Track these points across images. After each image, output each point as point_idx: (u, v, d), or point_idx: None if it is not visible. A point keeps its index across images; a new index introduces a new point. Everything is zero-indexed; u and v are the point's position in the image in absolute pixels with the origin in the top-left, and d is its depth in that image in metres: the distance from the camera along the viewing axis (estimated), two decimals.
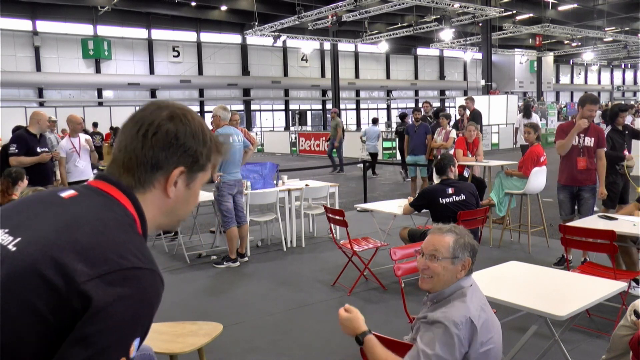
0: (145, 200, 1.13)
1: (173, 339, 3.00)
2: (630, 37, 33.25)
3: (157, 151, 1.11)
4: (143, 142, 1.10)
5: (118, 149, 1.14)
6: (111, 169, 1.14)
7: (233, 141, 6.03)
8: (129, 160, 1.11)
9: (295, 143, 22.92)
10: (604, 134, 5.58)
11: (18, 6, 23.33)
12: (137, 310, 0.96)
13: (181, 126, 1.13)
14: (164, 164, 1.12)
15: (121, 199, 1.09)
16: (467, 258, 2.23)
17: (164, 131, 1.11)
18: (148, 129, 1.11)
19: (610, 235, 3.95)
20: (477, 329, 2.05)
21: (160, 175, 1.12)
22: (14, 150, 6.14)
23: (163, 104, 1.16)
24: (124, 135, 1.13)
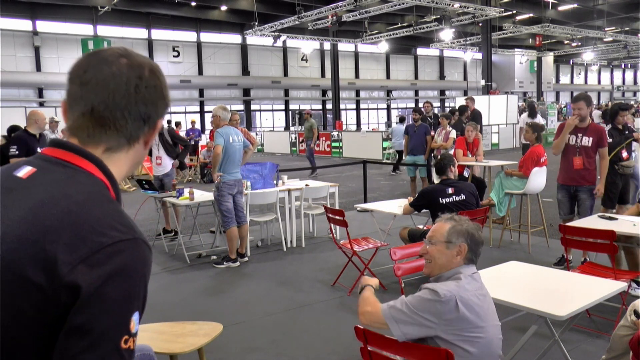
0: (127, 156, 1.09)
1: (173, 339, 3.00)
2: (630, 37, 33.26)
3: (149, 105, 1.07)
4: (136, 98, 1.05)
5: (88, 110, 1.03)
6: (74, 132, 1.05)
7: (233, 141, 6.03)
8: (114, 118, 1.03)
9: (295, 143, 22.91)
10: (604, 133, 5.53)
11: (18, 6, 23.34)
12: (129, 285, 0.92)
13: (163, 79, 1.12)
14: (152, 117, 1.09)
15: (85, 166, 1.02)
16: (461, 243, 2.32)
17: (153, 85, 1.08)
18: (139, 84, 1.05)
19: (610, 235, 3.95)
20: (459, 310, 2.13)
21: (147, 129, 1.09)
22: (14, 152, 6.13)
23: (119, 53, 1.07)
24: (98, 92, 1.02)
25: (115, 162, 1.07)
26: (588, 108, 5.47)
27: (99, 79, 1.03)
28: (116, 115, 1.03)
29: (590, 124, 5.51)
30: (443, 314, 2.14)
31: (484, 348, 2.19)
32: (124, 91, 1.03)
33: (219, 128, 6.08)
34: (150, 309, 1.00)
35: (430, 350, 2.14)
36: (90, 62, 1.05)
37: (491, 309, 2.29)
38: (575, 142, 5.49)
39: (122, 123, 1.04)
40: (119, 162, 1.08)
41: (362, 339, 2.36)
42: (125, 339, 0.91)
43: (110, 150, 1.06)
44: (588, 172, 5.45)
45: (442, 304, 2.14)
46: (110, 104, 1.02)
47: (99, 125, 1.03)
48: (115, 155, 1.07)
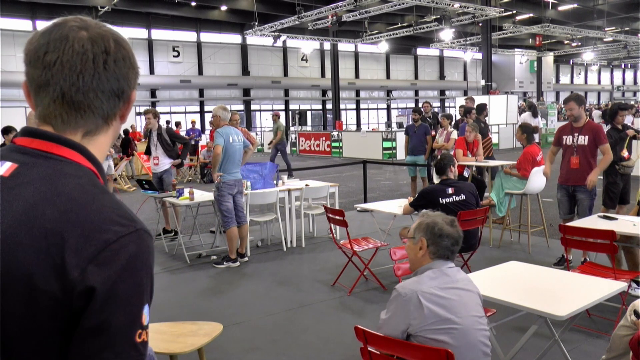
0: (107, 135, 1.04)
1: (173, 339, 3.00)
2: (630, 37, 33.26)
3: (121, 80, 1.01)
4: (107, 75, 0.98)
5: (59, 96, 0.96)
6: (48, 120, 0.98)
7: (233, 141, 6.03)
8: (88, 100, 0.97)
9: (295, 143, 22.92)
10: (600, 131, 5.50)
11: (18, 6, 23.35)
12: (138, 279, 0.90)
13: (129, 48, 1.04)
14: (126, 91, 1.04)
15: (69, 155, 0.96)
16: (421, 238, 2.40)
17: (121, 57, 1.01)
18: (107, 60, 0.98)
19: (610, 235, 3.95)
20: (423, 306, 2.18)
21: (122, 104, 1.04)
22: None
23: (77, 26, 1.03)
24: (66, 75, 0.95)
25: (96, 144, 1.02)
26: (580, 107, 5.48)
27: (63, 61, 0.95)
28: (89, 97, 0.97)
29: (587, 122, 5.52)
30: (410, 312, 2.20)
31: (461, 339, 2.20)
32: (93, 70, 0.96)
33: (219, 128, 6.08)
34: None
35: (430, 351, 2.14)
36: (49, 40, 0.97)
37: (468, 301, 2.29)
38: (572, 141, 5.50)
39: (97, 104, 0.98)
40: (100, 144, 1.03)
41: (362, 339, 2.36)
42: (139, 333, 0.89)
43: (90, 134, 1.00)
44: (586, 171, 5.43)
45: (405, 302, 2.22)
46: (81, 87, 0.96)
47: (73, 110, 0.97)
48: (95, 138, 1.01)
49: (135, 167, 15.67)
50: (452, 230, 2.42)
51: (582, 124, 5.49)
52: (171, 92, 29.56)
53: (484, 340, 2.30)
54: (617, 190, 5.99)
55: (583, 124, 5.49)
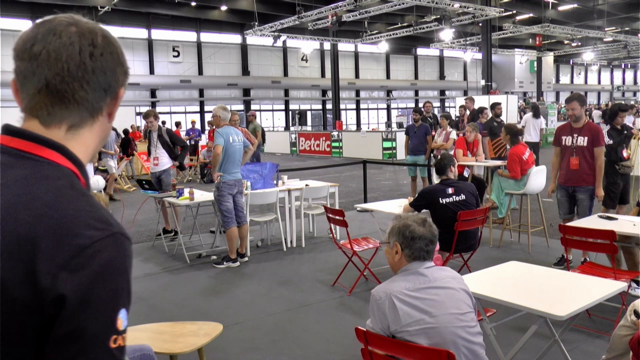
0: (92, 131, 1.01)
1: (173, 339, 3.00)
2: (630, 37, 33.26)
3: (108, 73, 0.99)
4: (93, 66, 0.97)
5: (43, 86, 0.96)
6: (33, 112, 0.98)
7: (233, 141, 6.04)
8: (72, 90, 0.96)
9: (295, 143, 22.92)
10: (600, 133, 5.52)
11: (18, 6, 23.34)
12: (113, 284, 0.87)
13: (117, 45, 1.02)
14: (113, 85, 1.01)
15: (48, 155, 0.93)
16: (395, 242, 2.41)
17: (109, 52, 1.00)
18: (93, 52, 0.97)
19: (610, 235, 3.95)
20: (397, 308, 2.21)
21: (109, 99, 1.01)
22: None
23: (67, 22, 1.03)
24: (51, 65, 0.95)
25: (81, 139, 0.99)
26: (582, 108, 5.49)
27: (49, 51, 0.95)
28: (74, 87, 0.96)
29: (586, 123, 5.52)
30: (385, 314, 2.24)
31: (436, 338, 2.19)
32: (78, 60, 0.95)
33: (219, 128, 6.08)
34: (150, 309, 0.97)
35: (430, 351, 2.14)
36: (37, 34, 0.98)
37: (446, 299, 2.27)
38: (572, 142, 5.50)
39: (81, 94, 0.96)
40: (85, 140, 1.00)
41: (362, 340, 2.36)
42: (114, 339, 0.87)
43: (74, 128, 0.98)
44: (585, 172, 5.43)
45: (380, 305, 2.25)
46: (66, 76, 0.95)
47: (58, 101, 0.96)
48: (80, 132, 0.99)
49: (135, 167, 15.68)
50: (424, 230, 2.40)
51: (581, 125, 5.50)
52: (171, 92, 29.56)
53: (468, 336, 2.26)
54: (617, 190, 5.99)
55: (583, 125, 5.50)
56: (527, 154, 6.57)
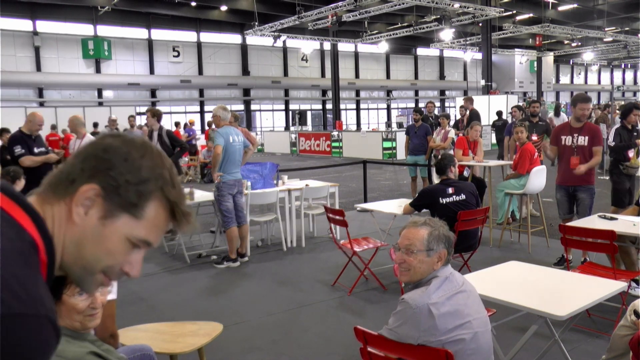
0: (54, 218, 0.91)
1: (173, 339, 3.00)
2: (630, 37, 33.25)
3: (79, 160, 0.91)
4: (76, 153, 0.93)
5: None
6: (46, 179, 0.94)
7: (233, 141, 6.04)
8: (57, 171, 0.93)
9: (295, 143, 22.92)
10: (599, 133, 5.56)
11: (18, 6, 23.33)
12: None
13: (120, 144, 0.93)
14: (78, 177, 0.90)
15: (18, 217, 0.85)
16: (442, 250, 2.30)
17: (98, 143, 0.93)
18: (92, 141, 0.95)
19: (610, 235, 3.95)
20: (435, 317, 2.13)
21: (72, 191, 0.90)
22: (20, 151, 6.13)
23: (136, 136, 1.00)
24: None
25: (52, 220, 0.90)
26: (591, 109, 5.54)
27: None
28: (60, 169, 0.93)
29: (586, 123, 5.55)
30: (420, 323, 2.14)
31: (472, 343, 2.18)
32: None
33: (219, 128, 6.08)
34: (150, 309, 0.95)
35: (430, 351, 2.14)
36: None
37: (472, 303, 2.27)
38: (572, 142, 5.52)
39: (57, 177, 0.92)
40: (53, 221, 0.90)
41: (361, 340, 2.36)
42: None
43: (46, 204, 0.90)
44: (586, 171, 5.45)
45: (415, 314, 2.15)
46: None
47: (50, 179, 0.94)
48: (49, 212, 0.90)
49: None
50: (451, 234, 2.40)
51: (581, 125, 5.52)
52: (171, 92, 29.55)
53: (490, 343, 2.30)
54: (623, 189, 5.97)
55: (583, 125, 5.51)
56: (536, 154, 6.58)
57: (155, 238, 0.97)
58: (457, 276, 2.34)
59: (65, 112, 17.43)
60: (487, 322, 2.31)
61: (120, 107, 22.84)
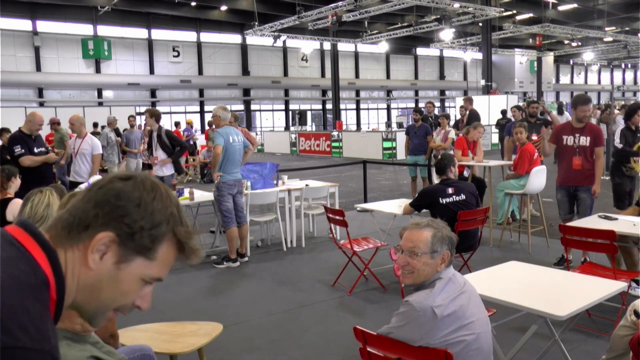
0: (67, 261, 0.93)
1: (173, 339, 3.00)
2: (630, 37, 33.25)
3: (91, 206, 0.93)
4: (84, 196, 0.96)
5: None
6: (52, 221, 0.98)
7: (233, 141, 6.04)
8: (67, 214, 0.96)
9: (295, 143, 22.93)
10: (601, 133, 5.57)
11: (18, 6, 23.33)
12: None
13: (131, 188, 0.95)
14: (92, 223, 0.93)
15: (35, 253, 0.88)
16: (445, 251, 2.29)
17: (109, 187, 0.95)
18: (98, 183, 0.97)
19: (610, 235, 3.95)
20: (438, 319, 2.12)
21: (86, 237, 0.92)
22: (20, 151, 6.13)
23: (142, 174, 1.01)
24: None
25: (65, 264, 0.92)
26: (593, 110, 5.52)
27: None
28: (69, 212, 0.97)
29: (588, 124, 5.55)
30: (423, 326, 2.14)
31: (474, 344, 2.18)
32: (85, 191, 1.00)
33: (219, 128, 6.08)
34: (150, 309, 0.96)
35: (429, 351, 2.14)
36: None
37: (474, 304, 2.26)
38: (574, 142, 5.51)
39: (67, 221, 0.95)
40: (65, 266, 0.92)
41: (361, 340, 2.36)
42: None
43: (59, 248, 0.93)
44: (587, 171, 5.47)
45: (418, 316, 2.14)
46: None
47: (59, 221, 0.97)
48: (62, 257, 0.93)
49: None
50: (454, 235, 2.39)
51: (583, 125, 5.52)
52: (171, 92, 29.54)
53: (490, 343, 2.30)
54: (623, 191, 5.94)
55: (584, 125, 5.51)
56: (536, 154, 6.57)
57: (165, 273, 1.00)
58: (459, 277, 2.33)
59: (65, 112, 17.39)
60: (488, 323, 2.31)
61: (120, 107, 22.80)
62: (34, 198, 2.69)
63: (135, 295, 0.99)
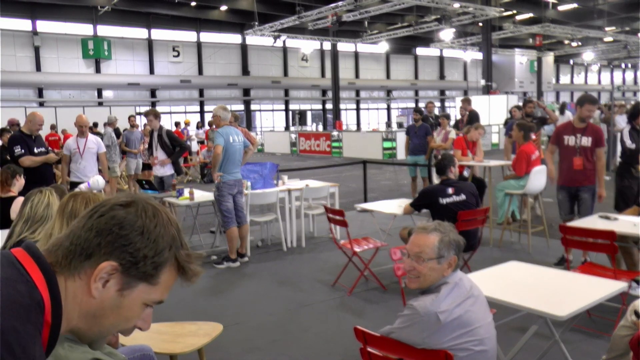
0: (67, 289, 0.93)
1: (173, 339, 3.00)
2: (630, 37, 33.24)
3: (93, 235, 0.93)
4: (85, 223, 0.95)
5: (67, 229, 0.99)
6: (50, 245, 0.98)
7: (233, 141, 6.03)
8: (67, 241, 0.95)
9: (295, 143, 22.93)
10: (602, 134, 5.54)
11: (18, 6, 23.33)
12: None
13: (133, 216, 0.95)
14: (95, 252, 0.93)
15: (34, 276, 0.89)
16: (452, 256, 2.26)
17: (111, 216, 0.95)
18: (98, 209, 0.96)
19: (610, 235, 3.95)
20: (442, 325, 2.11)
21: (89, 266, 0.93)
22: (20, 151, 6.12)
23: (142, 199, 1.01)
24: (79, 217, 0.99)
25: (65, 292, 0.93)
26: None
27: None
28: (69, 238, 0.97)
29: (589, 124, 5.52)
30: (425, 330, 2.13)
31: (478, 351, 2.17)
32: (84, 215, 1.00)
33: (219, 128, 6.08)
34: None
35: (429, 352, 2.13)
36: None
37: (479, 308, 2.25)
38: (575, 142, 5.49)
39: (67, 247, 0.96)
40: (66, 294, 0.93)
41: (361, 340, 2.36)
42: None
43: (59, 274, 0.93)
44: (589, 172, 5.45)
45: (422, 321, 2.14)
46: (70, 227, 1.00)
47: (59, 246, 0.98)
48: (63, 284, 0.93)
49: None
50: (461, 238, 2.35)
51: (585, 125, 5.49)
52: (171, 92, 29.54)
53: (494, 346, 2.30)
54: (632, 193, 5.87)
55: (586, 125, 5.49)
56: (536, 154, 6.55)
57: (166, 296, 1.03)
58: (465, 281, 2.30)
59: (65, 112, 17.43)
60: (493, 326, 2.30)
61: (120, 107, 22.79)
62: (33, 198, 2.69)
63: (137, 319, 1.00)
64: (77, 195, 2.16)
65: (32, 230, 2.55)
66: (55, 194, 2.75)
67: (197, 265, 1.04)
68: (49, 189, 2.77)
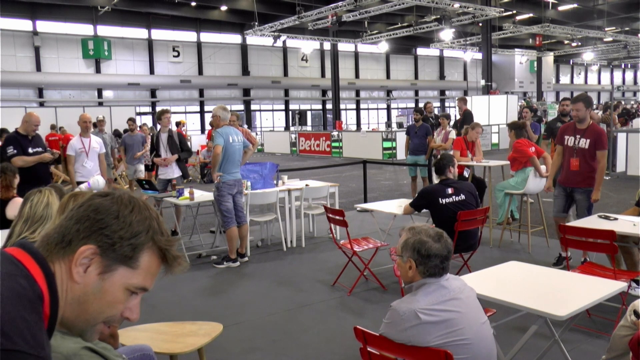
0: (62, 271, 0.98)
1: (173, 339, 3.00)
2: (630, 37, 33.26)
3: (73, 223, 0.98)
4: (68, 214, 1.00)
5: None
6: (40, 239, 1.02)
7: (233, 141, 6.04)
8: (55, 233, 1.00)
9: (295, 143, 22.93)
10: (602, 136, 5.44)
11: (18, 6, 23.33)
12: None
13: (109, 203, 1.00)
14: (74, 238, 0.97)
15: (32, 270, 0.93)
16: (408, 259, 2.29)
17: (88, 204, 1.00)
18: (78, 202, 1.02)
19: (610, 235, 3.95)
20: (422, 321, 2.14)
21: (70, 252, 0.97)
22: (12, 151, 6.12)
23: (121, 191, 1.06)
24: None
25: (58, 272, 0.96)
26: (587, 110, 5.41)
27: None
28: (55, 229, 1.01)
29: (590, 125, 5.45)
30: (406, 329, 2.16)
31: (463, 353, 2.17)
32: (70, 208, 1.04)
33: (218, 128, 6.08)
34: (150, 309, 0.97)
35: (429, 352, 2.13)
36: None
37: (469, 310, 2.25)
38: (574, 143, 5.47)
39: (53, 237, 1.00)
40: (60, 277, 0.96)
41: (361, 340, 2.36)
42: None
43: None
44: (585, 173, 5.37)
45: (402, 320, 2.17)
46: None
47: (47, 237, 1.02)
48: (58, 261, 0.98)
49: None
50: (440, 247, 2.27)
51: (585, 126, 5.43)
52: (171, 92, 29.54)
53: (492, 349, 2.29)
54: None
55: (587, 127, 5.43)
56: (532, 149, 6.55)
57: (150, 283, 1.04)
58: (454, 284, 2.29)
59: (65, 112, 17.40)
60: (485, 329, 2.28)
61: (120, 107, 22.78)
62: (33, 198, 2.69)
63: (122, 306, 1.02)
64: (77, 195, 2.16)
65: (31, 230, 2.55)
66: (55, 194, 2.75)
67: (178, 251, 1.06)
68: (48, 189, 2.77)
